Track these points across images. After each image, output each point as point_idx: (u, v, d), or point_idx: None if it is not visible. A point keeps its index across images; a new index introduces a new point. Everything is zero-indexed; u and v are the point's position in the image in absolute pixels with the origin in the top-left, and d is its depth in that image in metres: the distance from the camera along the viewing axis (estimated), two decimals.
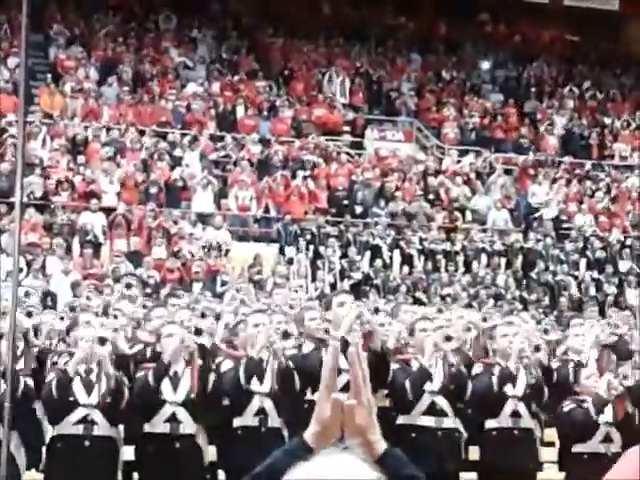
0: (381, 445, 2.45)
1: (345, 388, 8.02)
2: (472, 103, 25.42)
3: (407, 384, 8.13)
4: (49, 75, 22.47)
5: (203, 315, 10.43)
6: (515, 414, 8.39)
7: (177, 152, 21.24)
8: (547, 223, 21.64)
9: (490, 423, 8.43)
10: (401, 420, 8.20)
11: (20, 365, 8.79)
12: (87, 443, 7.95)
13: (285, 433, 8.18)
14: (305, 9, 26.51)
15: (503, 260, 20.20)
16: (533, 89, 26.61)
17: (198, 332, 9.19)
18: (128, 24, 25.08)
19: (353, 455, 2.10)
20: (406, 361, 8.36)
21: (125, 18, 25.22)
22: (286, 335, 8.35)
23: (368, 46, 26.70)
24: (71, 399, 7.96)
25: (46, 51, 23.61)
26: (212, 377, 8.31)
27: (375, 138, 23.94)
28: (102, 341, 8.16)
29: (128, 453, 8.36)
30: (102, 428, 7.93)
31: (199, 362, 8.27)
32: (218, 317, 11.14)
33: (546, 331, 10.90)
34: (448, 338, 8.24)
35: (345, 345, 8.16)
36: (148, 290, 15.39)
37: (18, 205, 7.39)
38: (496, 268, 19.87)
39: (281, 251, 19.31)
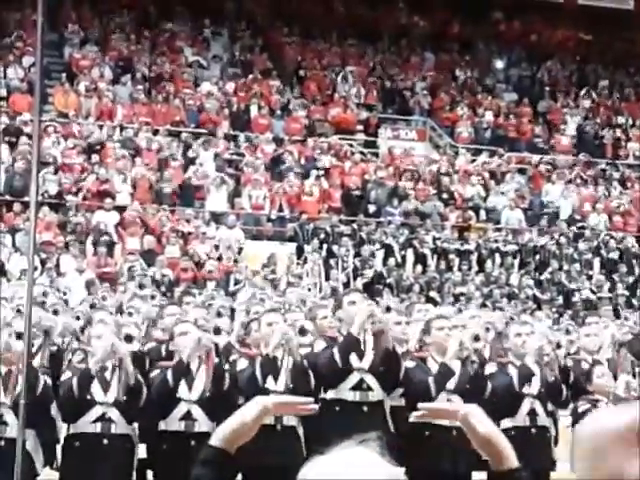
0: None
1: (356, 387, 7.96)
2: (486, 102, 25.38)
3: (430, 382, 8.12)
4: (64, 74, 22.54)
5: (219, 314, 10.45)
6: (532, 413, 8.38)
7: (191, 151, 21.27)
8: (561, 222, 21.60)
9: (507, 422, 8.41)
10: (415, 418, 8.18)
11: (37, 363, 8.81)
12: (105, 441, 7.97)
13: (300, 431, 8.19)
14: (319, 8, 26.50)
15: (517, 259, 20.16)
16: (547, 88, 26.55)
17: (217, 331, 9.21)
18: (142, 23, 25.12)
19: (369, 449, 2.07)
20: (423, 359, 8.35)
21: (139, 17, 25.26)
22: (302, 331, 8.36)
23: (382, 45, 26.68)
24: (88, 397, 7.98)
25: (61, 50, 23.67)
26: (227, 376, 8.32)
27: (389, 137, 23.93)
28: (129, 339, 8.18)
29: (141, 450, 8.38)
30: (119, 426, 7.95)
31: (216, 361, 8.28)
32: (232, 316, 11.17)
33: (568, 331, 10.87)
34: (477, 338, 8.23)
35: (357, 343, 8.17)
36: (162, 289, 15.42)
37: (33, 204, 7.41)
38: (510, 267, 19.84)
39: (295, 250, 19.32)
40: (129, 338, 8.39)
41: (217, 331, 9.24)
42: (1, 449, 7.73)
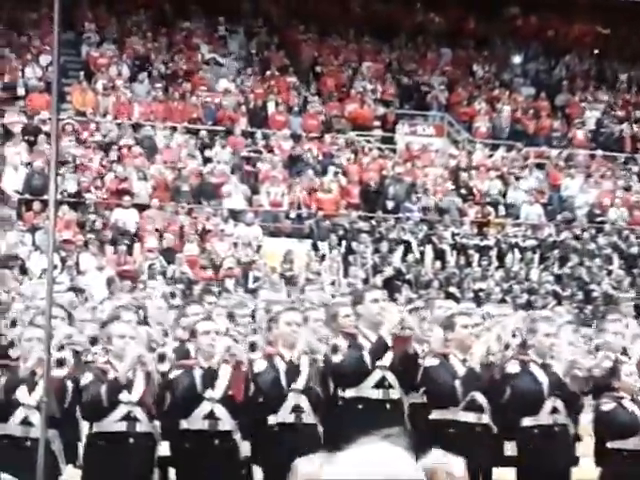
0: None
1: (378, 385, 7.95)
2: (503, 97, 25.30)
3: (457, 385, 8.09)
4: (81, 73, 22.59)
5: (231, 315, 10.43)
6: (554, 411, 8.34)
7: (208, 148, 21.29)
8: (581, 217, 21.51)
9: (528, 420, 8.38)
10: (436, 415, 8.17)
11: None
12: (131, 440, 7.98)
13: (320, 429, 8.19)
14: (335, 6, 26.47)
15: (536, 255, 20.10)
16: (565, 83, 26.44)
17: (252, 346, 9.20)
18: (159, 22, 25.15)
19: (394, 444, 2.04)
20: (444, 355, 8.32)
21: (156, 16, 25.29)
22: (333, 349, 8.33)
23: (398, 42, 26.63)
24: (113, 399, 7.99)
25: (78, 49, 23.73)
26: (248, 374, 8.32)
27: (406, 133, 23.89)
28: (161, 358, 8.15)
29: (163, 449, 8.39)
30: (144, 424, 7.96)
31: (244, 369, 8.27)
32: (252, 314, 11.15)
33: (589, 326, 10.83)
34: (506, 346, 8.20)
35: (384, 346, 8.15)
36: (181, 286, 15.43)
37: (52, 203, 7.42)
38: (529, 263, 19.78)
39: (313, 247, 19.31)
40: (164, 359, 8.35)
41: (252, 347, 9.20)
42: (27, 449, 7.76)
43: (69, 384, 8.26)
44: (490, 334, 8.36)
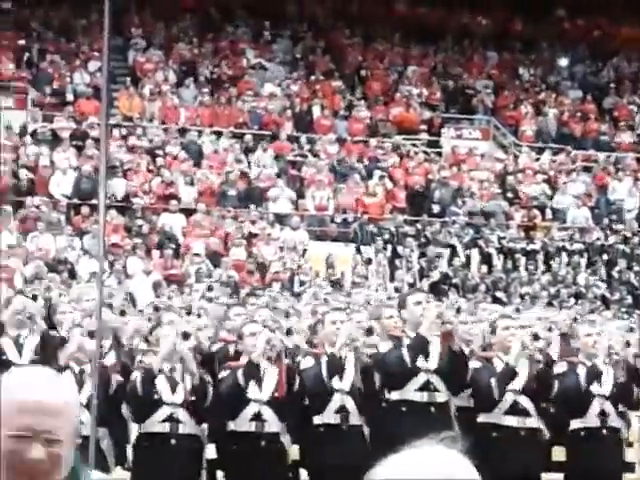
0: None
1: (422, 388, 7.93)
2: (550, 100, 25.16)
3: (492, 383, 8.07)
4: (128, 78, 22.79)
5: (287, 315, 10.50)
6: (602, 413, 8.28)
7: (254, 153, 21.38)
8: (629, 221, 21.32)
9: (576, 423, 8.33)
10: (482, 419, 8.15)
11: (108, 363, 8.91)
12: (173, 441, 8.03)
13: (366, 431, 8.20)
14: (380, 10, 26.47)
15: (584, 258, 19.94)
16: (612, 85, 26.23)
17: (289, 332, 9.25)
18: (205, 27, 25.29)
19: (449, 448, 2.04)
20: (488, 359, 8.30)
21: (202, 21, 25.44)
22: (369, 331, 8.36)
23: (444, 45, 26.58)
24: (156, 397, 8.04)
25: (125, 55, 23.93)
26: (294, 376, 8.35)
27: (452, 136, 23.83)
28: (185, 336, 8.24)
29: (210, 451, 8.44)
30: (187, 426, 8.00)
31: (286, 362, 8.31)
32: (298, 316, 11.20)
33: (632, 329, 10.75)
34: (536, 337, 8.17)
35: (425, 344, 8.14)
36: (228, 290, 15.51)
37: (102, 207, 7.50)
38: (577, 267, 19.63)
39: (359, 251, 19.32)
40: (186, 335, 8.41)
41: (289, 332, 9.26)
42: (79, 447, 7.81)
43: (116, 383, 8.35)
44: (524, 331, 8.34)
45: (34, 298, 11.07)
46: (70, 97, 22.01)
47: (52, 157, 19.75)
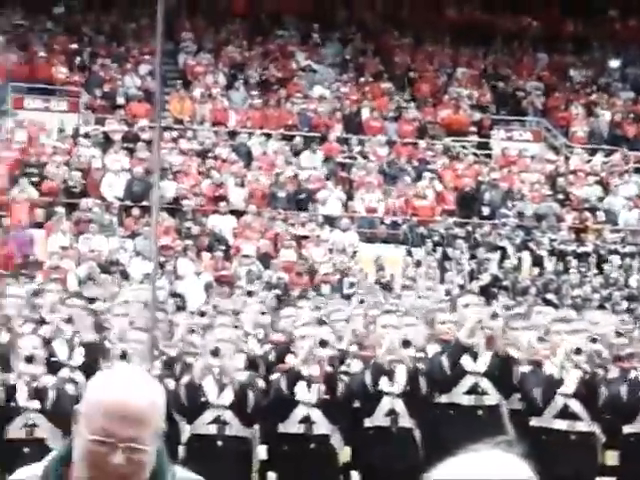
0: None
1: (470, 391, 7.89)
2: (601, 101, 24.94)
3: (538, 388, 8.04)
4: (179, 81, 22.95)
5: (335, 317, 10.49)
6: None
7: (304, 155, 21.43)
8: None
9: (628, 428, 8.26)
10: (534, 422, 8.12)
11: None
12: (220, 443, 8.07)
13: (417, 434, 8.19)
14: (430, 11, 26.41)
15: (636, 261, 19.74)
16: None
17: (337, 335, 9.26)
18: (254, 30, 25.40)
19: (506, 452, 2.06)
20: (538, 363, 8.26)
21: (251, 24, 25.55)
22: (406, 343, 8.32)
23: (494, 46, 26.45)
24: (203, 400, 8.09)
25: (176, 58, 24.11)
26: (343, 378, 8.36)
27: (502, 138, 23.71)
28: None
29: (261, 452, 8.48)
30: (235, 429, 8.04)
31: (327, 366, 8.33)
32: (347, 319, 11.19)
33: None
34: (578, 351, 8.09)
35: (465, 349, 8.11)
36: (277, 292, 15.54)
37: (155, 209, 7.57)
38: (629, 269, 19.44)
39: (409, 253, 19.28)
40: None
41: (338, 335, 9.27)
42: None
43: (170, 384, 8.42)
44: (580, 335, 8.28)
45: (91, 301, 11.17)
46: (121, 100, 22.21)
47: (104, 159, 19.94)
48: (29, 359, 7.91)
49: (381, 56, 25.47)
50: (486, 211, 20.72)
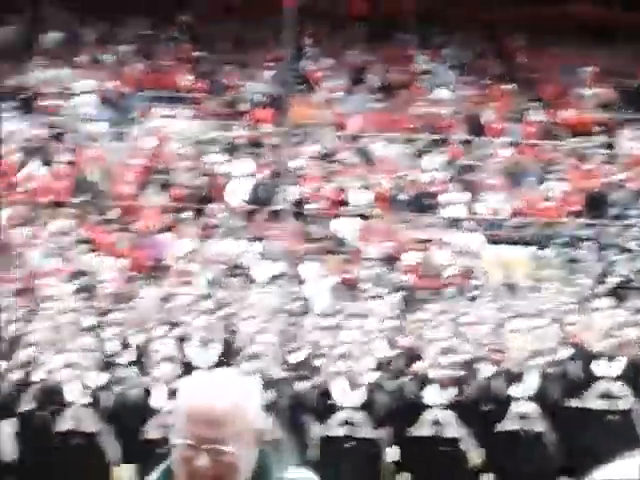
0: None
1: (603, 396, 7.82)
2: None
3: None
4: (301, 86, 23.13)
5: (454, 323, 10.48)
6: None
7: (426, 157, 21.37)
8: None
9: None
10: None
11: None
12: (349, 445, 8.14)
13: (550, 438, 8.12)
14: (553, 10, 26.04)
15: None
16: None
17: (464, 338, 9.25)
18: (374, 34, 25.43)
19: None
20: None
21: (371, 28, 25.59)
22: (536, 347, 8.27)
23: (619, 45, 25.92)
24: (332, 402, 8.17)
25: (297, 63, 24.31)
26: (473, 382, 8.34)
27: (629, 138, 23.20)
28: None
29: (392, 454, 8.50)
30: (364, 430, 8.10)
31: (457, 370, 8.31)
32: (475, 322, 11.12)
33: None
34: None
35: (594, 354, 7.99)
36: (402, 295, 15.52)
37: (283, 213, 7.67)
38: None
39: (535, 255, 19.04)
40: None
41: (465, 338, 9.23)
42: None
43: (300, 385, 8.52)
44: None
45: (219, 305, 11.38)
46: (246, 106, 22.50)
47: (229, 165, 20.25)
48: (164, 361, 8.10)
49: (503, 57, 25.22)
50: (614, 212, 20.32)
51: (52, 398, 8.51)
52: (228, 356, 9.08)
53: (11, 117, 21.08)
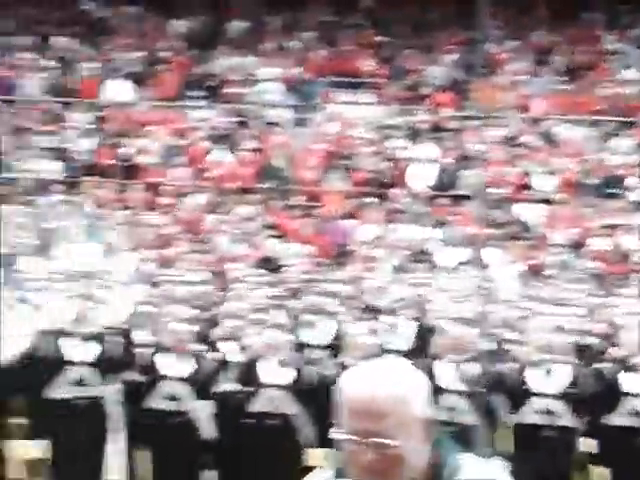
0: None
1: None
2: None
3: None
4: (484, 69, 22.87)
5: None
6: None
7: (613, 141, 20.79)
8: None
9: None
10: None
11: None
12: (546, 433, 8.04)
13: None
14: None
15: None
16: None
17: None
18: (560, 14, 24.87)
19: None
20: None
21: (557, 8, 25.01)
22: None
23: None
24: (527, 388, 8.07)
25: (480, 46, 24.04)
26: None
27: None
28: (559, 329, 8.20)
29: (590, 445, 8.34)
30: (563, 419, 7.98)
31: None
32: None
33: None
34: None
35: None
36: (591, 282, 15.17)
37: (475, 200, 7.61)
38: None
39: None
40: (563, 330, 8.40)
41: None
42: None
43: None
44: None
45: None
46: (427, 90, 22.41)
47: (411, 150, 20.23)
48: (360, 348, 8.17)
49: None
50: None
51: (249, 378, 8.72)
52: (424, 340, 9.10)
53: (199, 105, 21.67)
